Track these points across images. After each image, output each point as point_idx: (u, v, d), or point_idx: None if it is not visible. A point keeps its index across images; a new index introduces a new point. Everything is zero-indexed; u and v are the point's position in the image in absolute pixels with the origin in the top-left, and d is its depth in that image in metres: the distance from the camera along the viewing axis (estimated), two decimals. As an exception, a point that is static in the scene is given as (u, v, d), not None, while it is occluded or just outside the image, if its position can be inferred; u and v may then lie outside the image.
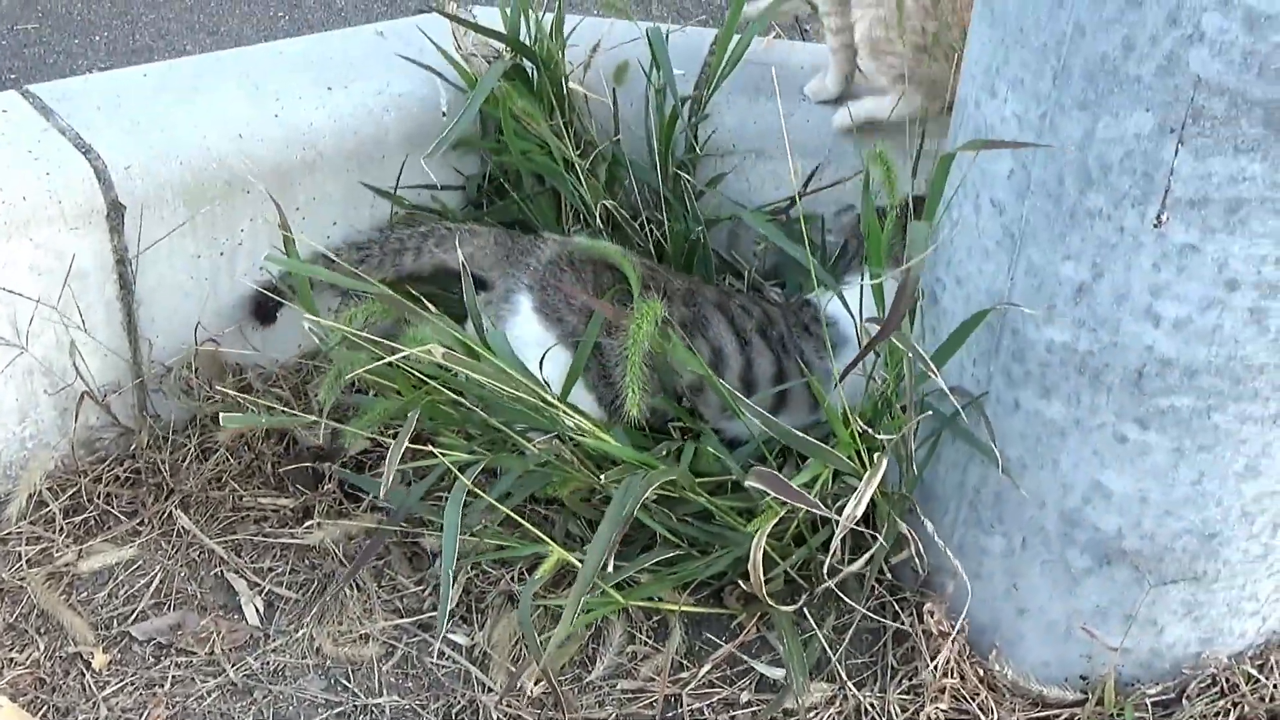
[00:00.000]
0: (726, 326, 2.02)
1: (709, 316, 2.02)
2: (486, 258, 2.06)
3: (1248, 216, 1.40)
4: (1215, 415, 1.53)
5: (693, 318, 2.02)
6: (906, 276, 1.51)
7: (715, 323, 2.02)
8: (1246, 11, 1.31)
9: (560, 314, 1.99)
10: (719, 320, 2.02)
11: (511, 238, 2.10)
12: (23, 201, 1.93)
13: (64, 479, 2.07)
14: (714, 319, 2.02)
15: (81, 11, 4.02)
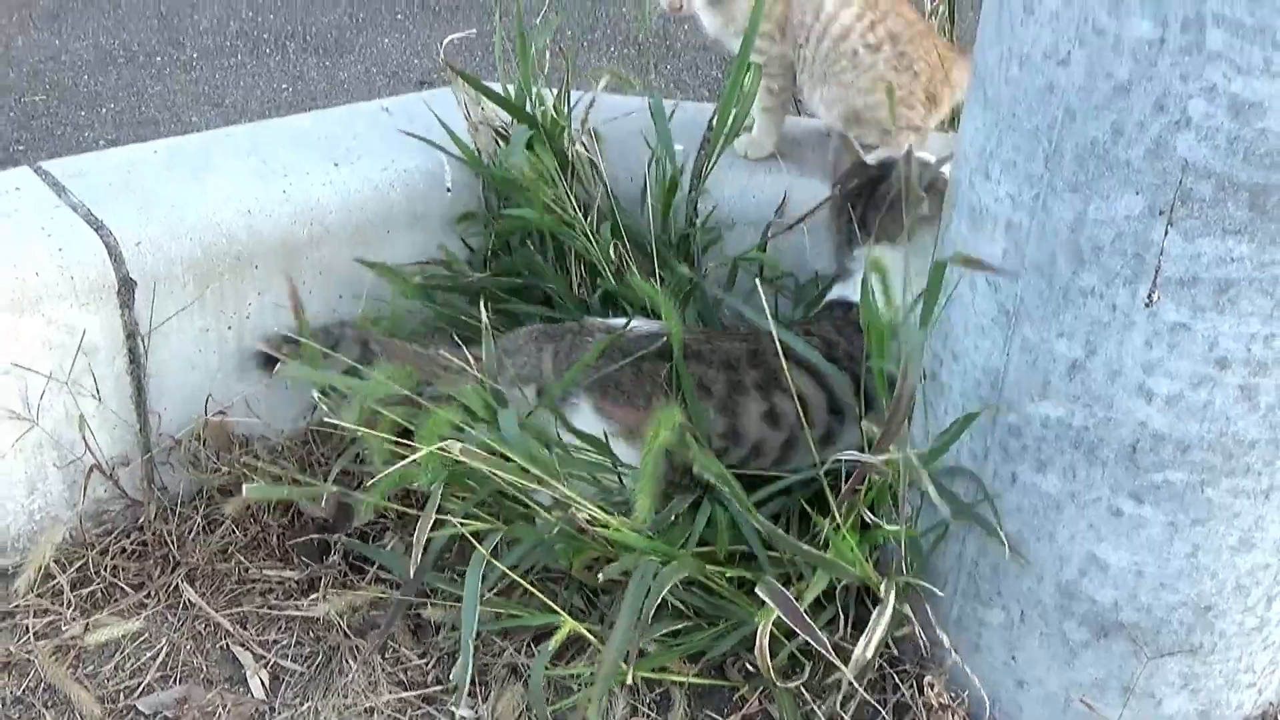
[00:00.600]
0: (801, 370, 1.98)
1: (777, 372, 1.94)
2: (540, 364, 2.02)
3: (1237, 296, 1.44)
4: (1209, 490, 1.55)
5: (763, 378, 1.99)
6: (902, 386, 1.56)
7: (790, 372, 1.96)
8: (1231, 99, 1.35)
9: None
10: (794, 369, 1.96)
11: (549, 333, 2.06)
12: (35, 277, 1.96)
13: (71, 551, 2.09)
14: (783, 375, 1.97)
15: (88, 84, 4.08)
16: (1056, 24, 1.45)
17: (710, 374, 1.99)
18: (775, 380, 1.98)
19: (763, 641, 1.69)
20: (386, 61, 4.23)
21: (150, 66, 4.19)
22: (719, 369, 2.00)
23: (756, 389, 1.99)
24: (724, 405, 1.98)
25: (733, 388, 1.99)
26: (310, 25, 4.45)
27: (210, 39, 4.36)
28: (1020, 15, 1.50)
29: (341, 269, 2.23)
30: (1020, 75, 1.52)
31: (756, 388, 1.99)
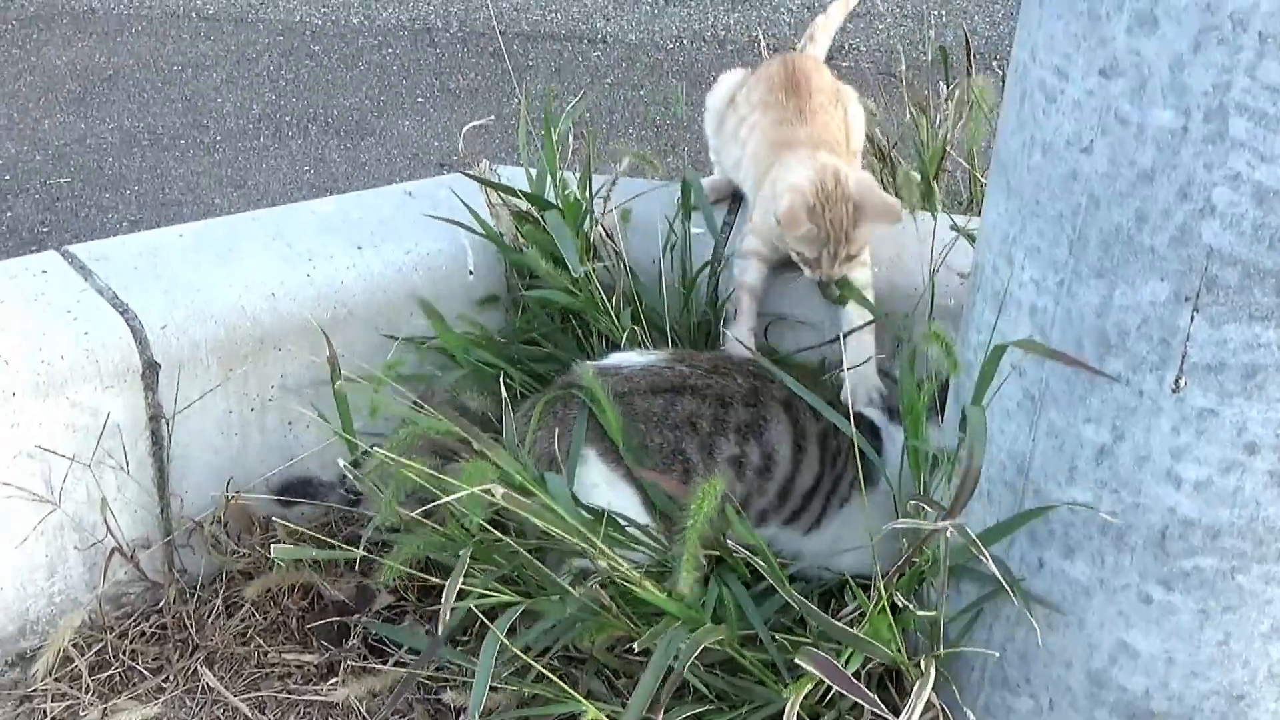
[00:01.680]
0: (787, 429, 2.00)
1: (768, 418, 2.00)
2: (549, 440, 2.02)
3: (1265, 382, 1.43)
4: (1239, 576, 1.54)
5: (750, 420, 1.99)
6: (969, 468, 1.55)
7: (774, 425, 1.99)
8: (1255, 186, 1.36)
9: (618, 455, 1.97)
10: (780, 423, 2.00)
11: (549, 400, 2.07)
12: (61, 361, 1.97)
13: (90, 634, 2.08)
14: (774, 422, 2.00)
15: (113, 166, 4.13)
16: (1079, 113, 1.46)
17: (700, 409, 1.99)
18: (757, 429, 1.99)
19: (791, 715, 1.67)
20: (407, 144, 4.28)
21: (174, 149, 4.24)
22: (711, 404, 1.99)
23: (736, 430, 1.98)
24: (703, 445, 1.98)
25: (716, 425, 1.99)
26: (332, 108, 4.51)
27: (233, 122, 4.42)
28: (1043, 104, 1.52)
29: (365, 351, 2.24)
30: (1043, 163, 1.53)
31: (737, 429, 1.98)
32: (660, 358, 2.07)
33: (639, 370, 2.03)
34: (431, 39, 5.01)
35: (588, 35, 5.02)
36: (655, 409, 1.99)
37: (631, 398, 2.00)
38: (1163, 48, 1.38)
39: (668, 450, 1.98)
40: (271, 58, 4.87)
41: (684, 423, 1.98)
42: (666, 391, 2.00)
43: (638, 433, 1.98)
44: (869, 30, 4.98)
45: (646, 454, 1.97)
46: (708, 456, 1.98)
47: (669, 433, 1.98)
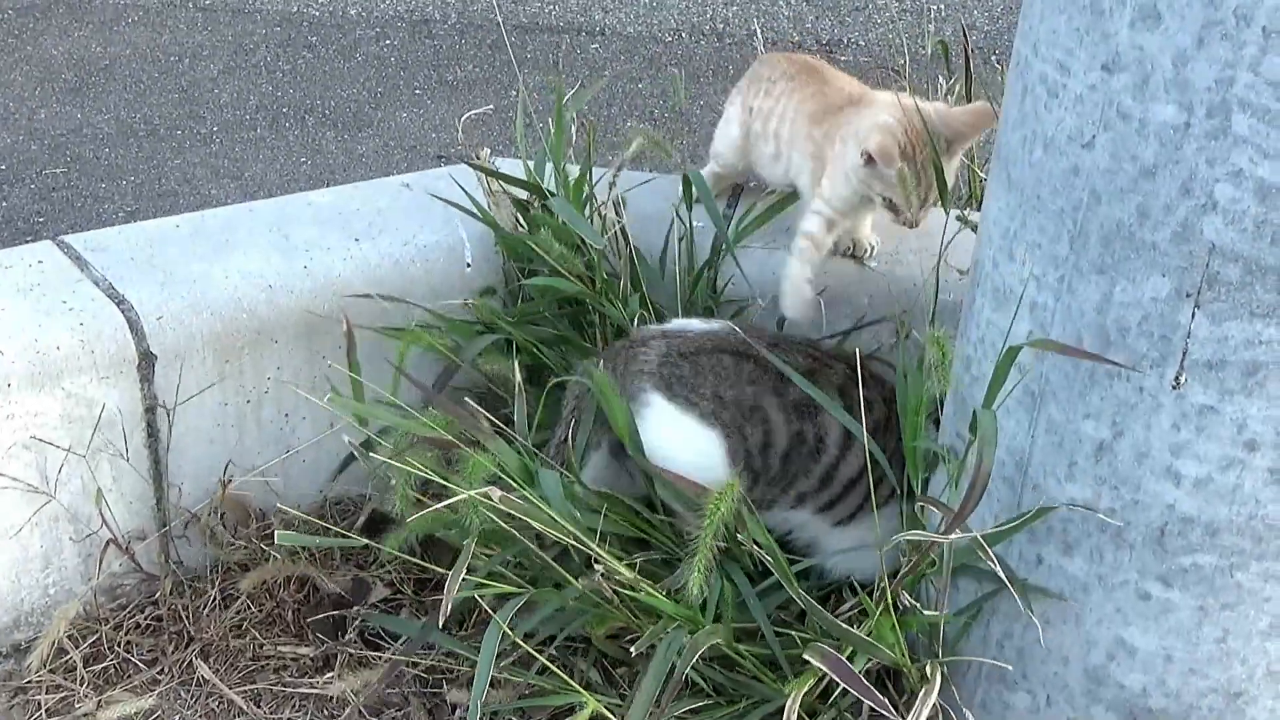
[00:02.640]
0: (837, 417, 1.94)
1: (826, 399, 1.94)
2: None
3: (1265, 379, 1.43)
4: (1238, 573, 1.54)
5: (807, 399, 1.94)
6: (978, 471, 1.54)
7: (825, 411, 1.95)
8: (1258, 183, 1.35)
9: (693, 400, 1.96)
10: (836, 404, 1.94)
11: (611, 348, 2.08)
12: (56, 351, 1.97)
13: (85, 626, 2.08)
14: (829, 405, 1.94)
15: (109, 156, 4.12)
16: (1081, 108, 1.46)
17: (764, 378, 1.97)
18: (809, 412, 1.96)
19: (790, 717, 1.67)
20: (405, 136, 4.27)
21: (171, 140, 4.23)
22: (772, 376, 1.97)
23: (795, 407, 1.95)
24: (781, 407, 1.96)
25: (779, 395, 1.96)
26: (329, 100, 4.50)
27: (230, 113, 4.41)
28: (1045, 99, 1.51)
29: (362, 343, 2.23)
30: (1044, 158, 1.52)
31: (795, 406, 1.95)
32: (721, 325, 2.05)
33: (702, 333, 2.03)
34: (429, 31, 5.00)
35: (586, 27, 5.00)
36: (725, 365, 1.97)
37: (698, 356, 1.98)
38: (1166, 43, 1.37)
39: (745, 405, 1.95)
40: (269, 49, 4.85)
41: (756, 379, 1.96)
42: (733, 353, 1.99)
43: (708, 384, 1.96)
44: (869, 24, 4.97)
45: (721, 403, 1.95)
46: (786, 419, 1.95)
47: (746, 388, 1.96)
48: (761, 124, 2.31)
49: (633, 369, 1.99)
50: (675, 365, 1.98)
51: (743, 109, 2.37)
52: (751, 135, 2.34)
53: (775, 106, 2.29)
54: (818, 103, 2.23)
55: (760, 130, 2.32)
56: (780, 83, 2.30)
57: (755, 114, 2.33)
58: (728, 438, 1.94)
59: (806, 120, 2.23)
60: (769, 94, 2.31)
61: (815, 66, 2.34)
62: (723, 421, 1.94)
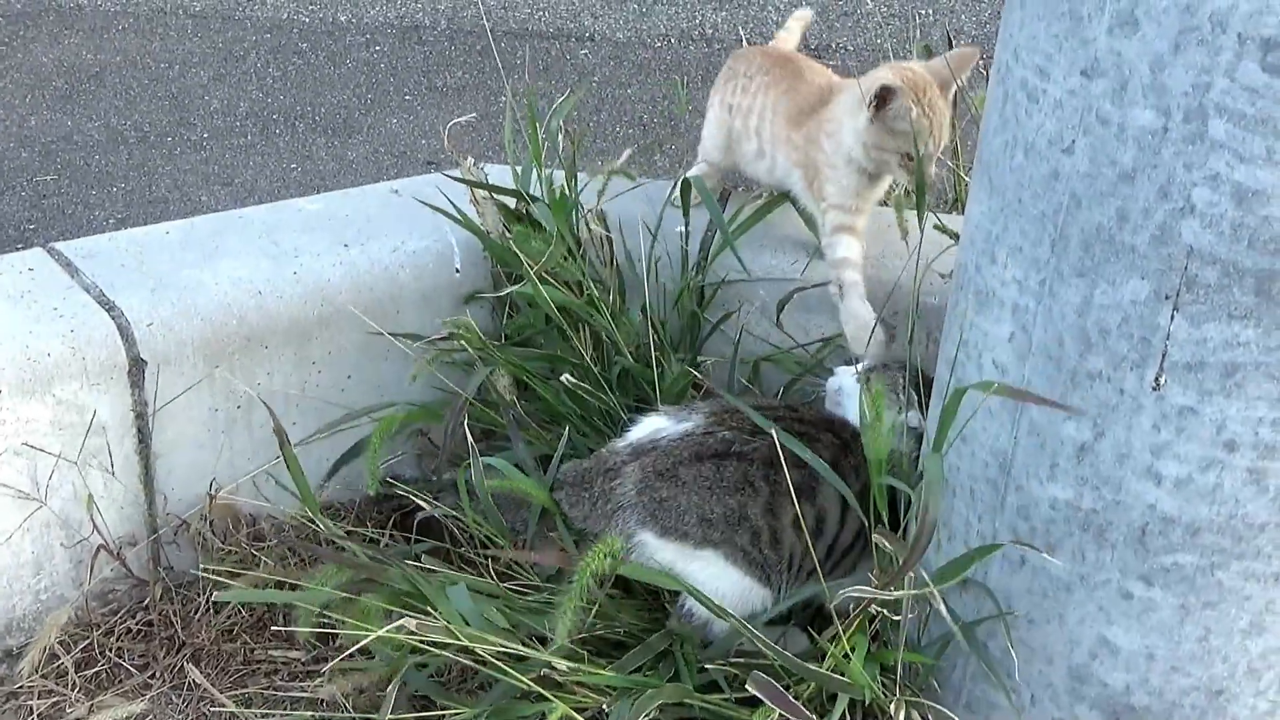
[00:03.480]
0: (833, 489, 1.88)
1: (817, 479, 1.88)
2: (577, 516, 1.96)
3: (1243, 380, 1.45)
4: (1219, 573, 1.55)
5: (800, 481, 1.86)
6: (923, 520, 1.56)
7: (824, 485, 1.88)
8: (1235, 186, 1.37)
9: (682, 529, 1.89)
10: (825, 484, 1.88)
11: (577, 474, 1.97)
12: (47, 358, 1.98)
13: (76, 632, 2.09)
14: (822, 482, 1.88)
15: (99, 163, 4.12)
16: (1061, 113, 1.48)
17: (753, 472, 1.89)
18: (810, 491, 1.89)
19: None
20: (394, 142, 4.28)
21: (161, 146, 4.23)
22: (760, 467, 1.89)
23: (796, 490, 1.84)
24: (768, 508, 1.89)
25: (774, 487, 1.88)
26: (319, 106, 4.51)
27: (220, 119, 4.41)
28: (1025, 105, 1.53)
29: (351, 349, 2.24)
30: (1025, 163, 1.54)
31: (797, 489, 1.85)
32: (697, 423, 1.93)
33: (678, 439, 1.92)
34: (419, 37, 5.01)
35: (575, 33, 5.02)
36: (706, 474, 1.88)
37: (676, 469, 1.89)
38: (1143, 48, 1.39)
39: (732, 518, 1.88)
40: (259, 55, 4.86)
41: (742, 485, 1.88)
42: (712, 458, 1.89)
43: (693, 506, 1.88)
44: (856, 29, 4.99)
45: (710, 525, 1.88)
46: (773, 519, 1.88)
47: (728, 499, 1.87)
48: (742, 121, 2.32)
49: (612, 504, 1.91)
50: (655, 489, 1.89)
51: (722, 107, 2.37)
52: (734, 133, 2.35)
53: (753, 103, 2.29)
54: (793, 101, 2.24)
55: (741, 128, 2.32)
56: (757, 78, 2.31)
57: (735, 111, 2.33)
58: (723, 548, 1.89)
59: (784, 121, 2.24)
60: (746, 90, 2.31)
61: (789, 59, 2.35)
62: (713, 541, 1.88)
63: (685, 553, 1.89)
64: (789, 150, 2.23)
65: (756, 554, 1.90)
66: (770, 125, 2.26)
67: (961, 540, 1.74)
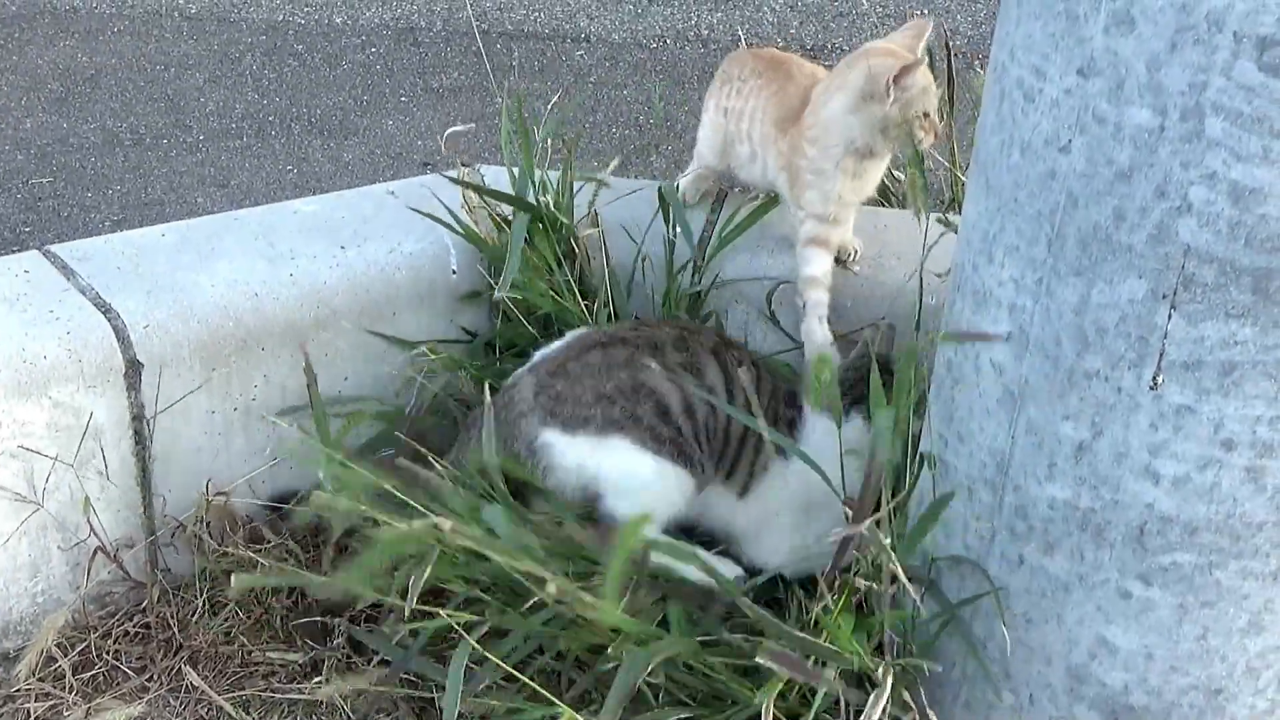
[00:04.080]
0: (719, 373, 2.00)
1: (702, 362, 2.00)
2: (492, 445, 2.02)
3: (1241, 379, 1.45)
4: (1217, 572, 1.55)
5: (685, 362, 1.99)
6: (870, 467, 1.57)
7: (709, 368, 2.00)
8: (1231, 185, 1.37)
9: (581, 414, 1.96)
10: (712, 367, 2.00)
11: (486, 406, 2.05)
12: (43, 360, 1.97)
13: (73, 634, 2.08)
14: (707, 366, 2.00)
15: (95, 166, 4.12)
16: (1057, 112, 1.48)
17: (637, 355, 1.99)
18: (697, 371, 1.99)
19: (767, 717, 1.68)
20: (390, 144, 4.28)
21: (157, 149, 4.23)
22: (644, 349, 1.99)
23: (682, 368, 1.98)
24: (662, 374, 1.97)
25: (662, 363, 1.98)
26: (315, 108, 4.51)
27: (216, 121, 4.41)
28: (1021, 104, 1.53)
29: (348, 351, 2.24)
30: (1022, 162, 1.54)
31: (682, 367, 1.98)
32: (577, 332, 2.09)
33: (563, 346, 2.05)
34: (415, 38, 5.01)
35: (571, 34, 5.02)
36: (593, 361, 1.99)
37: (565, 365, 2.00)
38: (1140, 47, 1.39)
39: (626, 388, 1.95)
40: (254, 57, 4.86)
41: (628, 362, 1.97)
42: (597, 346, 2.01)
43: (587, 388, 1.96)
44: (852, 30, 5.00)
45: (608, 401, 1.95)
46: (672, 383, 1.96)
47: (620, 373, 1.97)
48: (735, 124, 2.32)
49: (513, 414, 2.01)
50: (549, 387, 1.99)
51: (716, 111, 2.38)
52: (728, 137, 2.36)
53: (745, 106, 2.30)
54: (779, 104, 2.25)
55: (735, 131, 2.33)
56: (750, 81, 2.31)
57: (729, 115, 2.34)
58: (629, 431, 1.95)
59: (772, 125, 2.24)
60: (739, 94, 2.32)
61: (781, 60, 2.35)
62: (615, 420, 1.94)
63: (592, 443, 1.94)
64: (775, 153, 2.24)
65: (666, 429, 1.94)
66: (760, 127, 2.27)
67: (960, 540, 1.74)
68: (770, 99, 2.26)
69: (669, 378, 1.97)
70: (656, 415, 1.95)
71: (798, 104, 2.22)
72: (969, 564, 1.72)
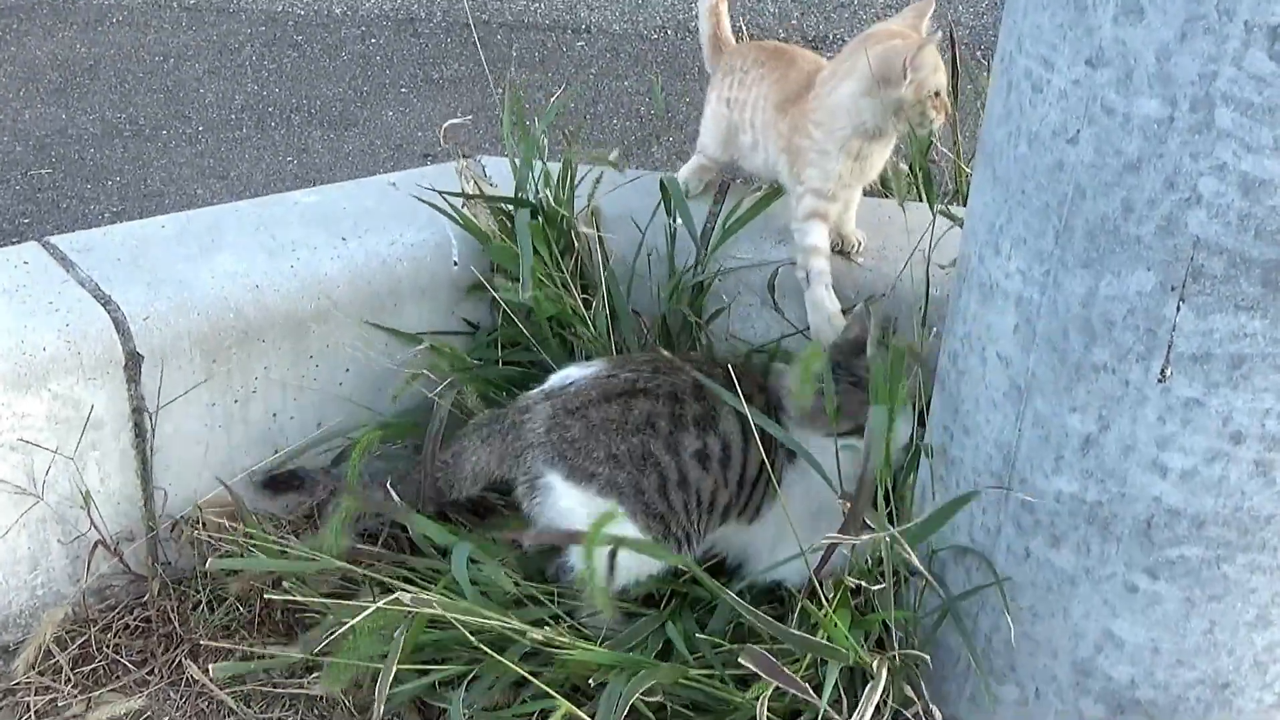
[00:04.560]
0: (734, 417, 1.96)
1: (717, 409, 1.98)
2: (489, 458, 2.03)
3: (1250, 372, 1.44)
4: (1224, 565, 1.54)
5: (703, 412, 1.97)
6: (866, 467, 1.56)
7: (726, 414, 1.97)
8: (1241, 177, 1.36)
9: (590, 469, 1.96)
10: (729, 412, 1.97)
11: (493, 415, 2.08)
12: (43, 353, 1.96)
13: (73, 628, 2.07)
14: (724, 411, 1.97)
15: (94, 157, 4.10)
16: (1065, 103, 1.46)
17: (657, 409, 1.97)
18: (712, 421, 1.97)
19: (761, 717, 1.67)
20: (391, 134, 4.26)
21: (156, 140, 4.21)
22: (665, 402, 1.98)
23: (695, 423, 1.97)
24: (668, 444, 1.96)
25: (675, 423, 1.97)
26: (315, 99, 4.49)
27: (215, 112, 4.39)
28: (1029, 94, 1.51)
29: (349, 343, 2.23)
30: (1029, 153, 1.53)
31: (695, 422, 1.97)
32: (602, 367, 2.04)
33: (587, 383, 2.01)
34: (415, 29, 4.99)
35: (571, 25, 5.00)
36: (613, 415, 1.97)
37: (586, 410, 1.98)
38: (1149, 37, 1.37)
39: (636, 455, 1.95)
40: (254, 48, 4.84)
41: (644, 424, 1.96)
42: (619, 396, 1.98)
43: (600, 444, 1.96)
44: (854, 20, 4.98)
45: (616, 463, 1.95)
46: (675, 455, 1.96)
47: (632, 438, 1.96)
48: (738, 114, 2.31)
49: (522, 441, 1.99)
50: (564, 427, 1.97)
51: (719, 102, 2.37)
52: (731, 127, 2.35)
53: (748, 96, 2.29)
54: (781, 90, 2.24)
55: (738, 121, 2.32)
56: (752, 71, 2.31)
57: (732, 105, 2.33)
58: (627, 501, 1.95)
59: (773, 109, 2.24)
60: (742, 84, 2.31)
61: (783, 50, 2.34)
62: (619, 485, 1.95)
63: (588, 501, 1.94)
64: (776, 135, 2.23)
65: (660, 503, 1.95)
66: (762, 114, 2.26)
67: (965, 532, 1.73)
68: (773, 86, 2.25)
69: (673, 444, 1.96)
70: (657, 490, 1.96)
71: (800, 89, 2.21)
72: (975, 557, 1.71)
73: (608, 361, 2.08)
